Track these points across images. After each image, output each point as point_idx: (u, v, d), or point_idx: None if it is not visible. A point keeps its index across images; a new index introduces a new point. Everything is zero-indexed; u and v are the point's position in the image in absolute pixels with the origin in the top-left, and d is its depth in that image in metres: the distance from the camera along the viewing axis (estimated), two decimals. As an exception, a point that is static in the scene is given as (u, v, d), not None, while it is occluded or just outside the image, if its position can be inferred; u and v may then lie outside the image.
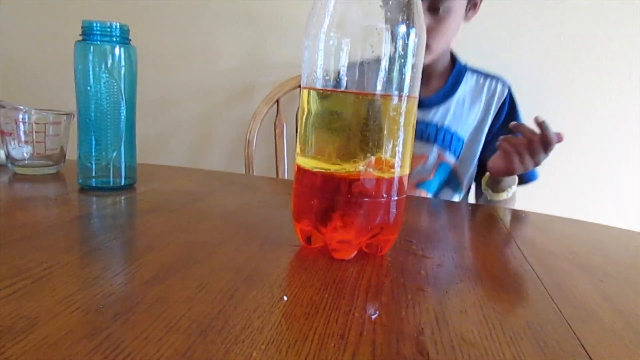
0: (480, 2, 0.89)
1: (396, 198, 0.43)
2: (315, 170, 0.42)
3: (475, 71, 0.98)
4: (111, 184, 0.62)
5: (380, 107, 0.41)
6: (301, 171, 0.44)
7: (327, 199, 0.42)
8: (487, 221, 0.64)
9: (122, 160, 0.62)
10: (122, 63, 0.60)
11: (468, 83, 0.97)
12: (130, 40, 0.61)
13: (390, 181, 0.42)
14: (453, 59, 0.99)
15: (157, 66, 1.43)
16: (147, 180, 0.69)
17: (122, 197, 0.60)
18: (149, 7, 1.40)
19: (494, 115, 0.95)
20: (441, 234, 0.56)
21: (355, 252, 0.44)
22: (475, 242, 0.54)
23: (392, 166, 0.42)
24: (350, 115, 0.41)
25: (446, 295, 0.38)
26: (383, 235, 0.44)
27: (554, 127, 0.70)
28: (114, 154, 0.61)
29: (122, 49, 0.60)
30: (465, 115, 0.95)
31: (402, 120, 0.42)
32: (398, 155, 0.42)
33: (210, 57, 1.40)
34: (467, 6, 0.88)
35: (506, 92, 0.96)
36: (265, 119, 1.24)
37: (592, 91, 1.22)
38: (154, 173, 0.75)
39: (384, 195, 0.42)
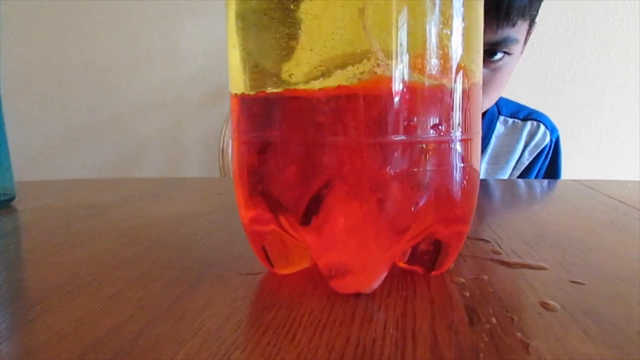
0: (529, 35, 0.62)
1: (464, 137, 0.18)
2: (274, 92, 0.18)
3: (511, 113, 0.72)
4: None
5: None
6: (244, 103, 0.19)
7: (309, 157, 0.17)
8: (590, 200, 0.39)
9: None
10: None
11: (502, 131, 0.72)
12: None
13: (445, 103, 0.18)
14: None
15: (113, 75, 1.21)
16: (44, 196, 0.44)
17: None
18: (95, 8, 1.18)
19: (528, 163, 0.71)
20: (535, 223, 0.31)
21: (384, 275, 0.19)
22: (600, 232, 0.29)
23: (447, 70, 0.18)
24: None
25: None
26: (445, 226, 0.19)
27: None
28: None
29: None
30: (498, 170, 0.72)
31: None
32: (455, 44, 0.18)
33: (173, 58, 1.18)
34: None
35: (547, 140, 0.71)
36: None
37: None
38: (62, 188, 0.51)
39: (442, 133, 0.18)
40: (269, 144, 0.17)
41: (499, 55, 0.54)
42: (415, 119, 0.16)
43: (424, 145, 0.17)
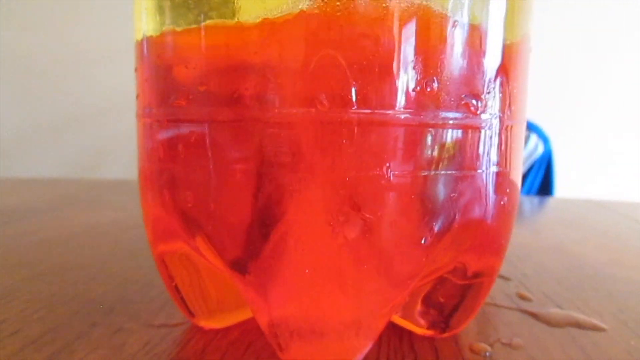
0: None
1: (508, 122, 0.11)
2: (188, 29, 0.11)
3: None
4: None
5: None
6: (146, 55, 0.12)
7: (243, 147, 0.10)
8: (616, 226, 0.33)
9: None
10: None
11: None
12: None
13: (482, 64, 0.11)
14: None
15: (79, 68, 1.12)
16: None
17: None
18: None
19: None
20: (562, 254, 0.24)
21: (369, 345, 0.12)
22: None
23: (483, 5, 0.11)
24: None
25: None
26: (475, 259, 0.12)
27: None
28: None
29: None
30: None
31: None
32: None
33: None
34: None
35: (539, 150, 0.66)
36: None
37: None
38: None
39: (476, 111, 0.11)
40: (177, 122, 0.10)
41: None
42: (435, 83, 0.09)
43: (447, 132, 0.10)
